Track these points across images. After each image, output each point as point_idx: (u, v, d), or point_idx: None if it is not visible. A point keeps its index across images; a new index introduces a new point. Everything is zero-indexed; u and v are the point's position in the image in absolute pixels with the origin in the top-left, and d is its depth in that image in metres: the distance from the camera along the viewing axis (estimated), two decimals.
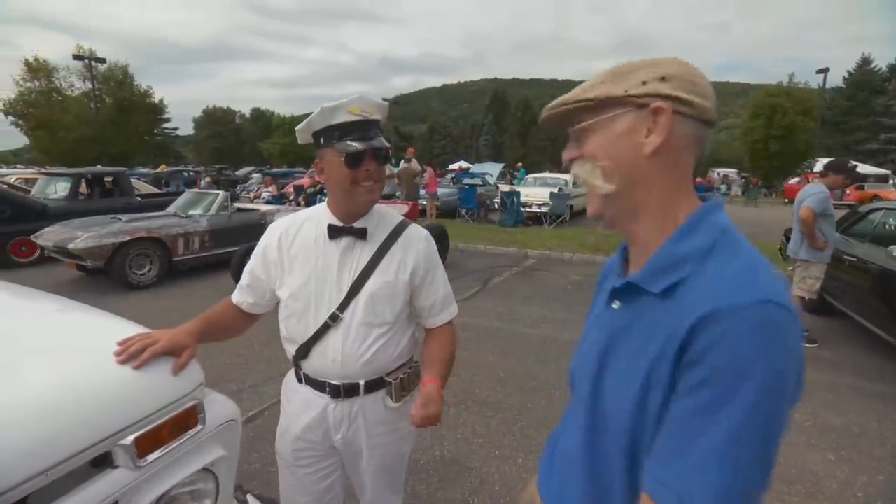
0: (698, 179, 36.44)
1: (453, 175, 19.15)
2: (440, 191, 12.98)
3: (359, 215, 1.21)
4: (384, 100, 1.29)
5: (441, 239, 6.74)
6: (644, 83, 0.63)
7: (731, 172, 38.20)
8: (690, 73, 0.63)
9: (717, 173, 39.63)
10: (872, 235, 4.46)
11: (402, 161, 10.96)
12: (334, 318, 1.18)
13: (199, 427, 1.12)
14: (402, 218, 1.30)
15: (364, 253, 1.21)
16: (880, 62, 46.51)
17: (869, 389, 3.40)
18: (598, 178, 0.66)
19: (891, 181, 26.13)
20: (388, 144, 1.19)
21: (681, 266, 0.61)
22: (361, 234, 1.20)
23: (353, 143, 1.12)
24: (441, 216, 12.30)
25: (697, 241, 0.62)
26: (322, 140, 1.16)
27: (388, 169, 1.17)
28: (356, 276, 1.19)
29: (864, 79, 45.03)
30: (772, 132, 32.09)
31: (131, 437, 0.97)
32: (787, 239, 4.81)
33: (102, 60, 29.26)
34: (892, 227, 4.40)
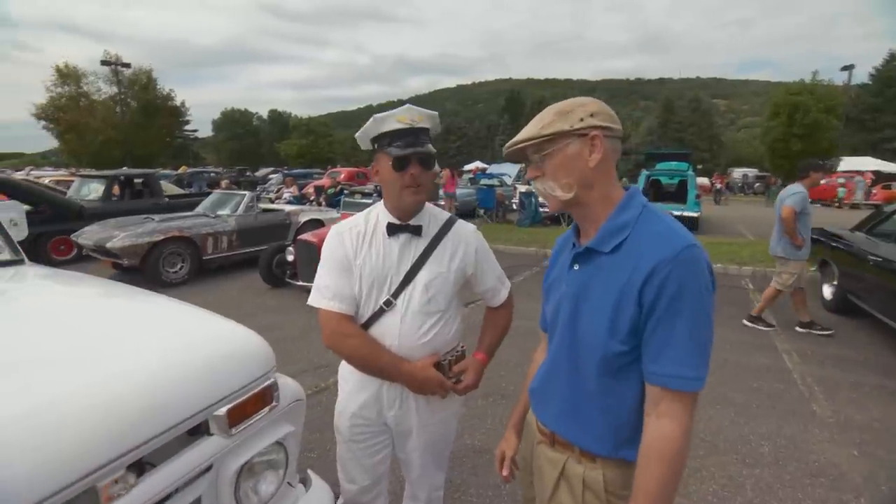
0: (699, 180, 35.55)
1: (471, 175, 19.26)
2: (458, 191, 13.11)
3: (411, 214, 1.34)
4: (408, 102, 1.40)
5: None
6: (582, 119, 0.91)
7: (751, 172, 37.48)
8: (605, 108, 0.94)
9: (731, 172, 38.90)
10: None
11: None
12: (388, 304, 1.32)
13: (274, 404, 1.26)
14: (451, 215, 1.43)
15: (419, 247, 1.34)
16: None
17: (892, 388, 3.42)
18: (558, 191, 0.96)
19: None
20: (433, 151, 1.31)
21: (622, 231, 0.92)
22: (417, 231, 1.33)
23: (400, 149, 1.26)
24: (459, 216, 12.38)
25: (630, 214, 0.93)
26: (376, 146, 1.31)
27: None
28: (410, 267, 1.32)
29: (892, 75, 43.68)
30: (793, 131, 31.24)
31: (225, 408, 1.11)
32: None
33: (127, 65, 30.14)
34: None
